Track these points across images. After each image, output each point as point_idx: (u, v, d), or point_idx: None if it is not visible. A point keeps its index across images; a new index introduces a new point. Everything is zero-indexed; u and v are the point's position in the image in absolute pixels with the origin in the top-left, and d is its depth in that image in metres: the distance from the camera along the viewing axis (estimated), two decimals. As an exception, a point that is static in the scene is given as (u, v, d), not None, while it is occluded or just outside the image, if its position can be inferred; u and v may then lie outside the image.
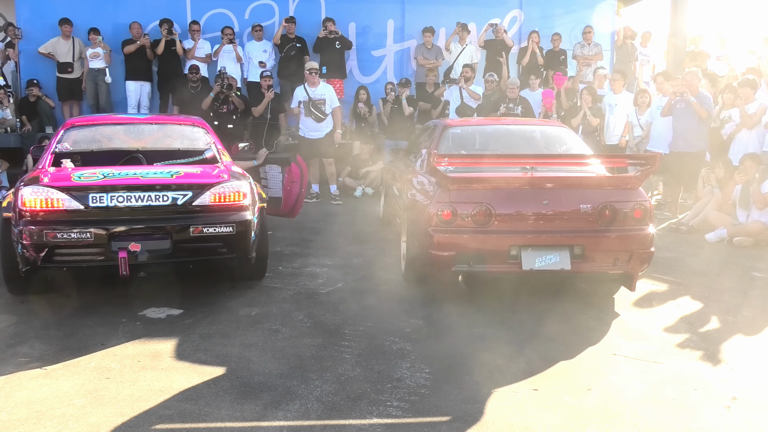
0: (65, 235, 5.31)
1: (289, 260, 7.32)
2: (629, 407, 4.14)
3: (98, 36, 12.19)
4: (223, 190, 5.72)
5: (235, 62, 12.57)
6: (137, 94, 12.54)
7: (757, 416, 4.08)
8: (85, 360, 4.72)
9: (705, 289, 6.55)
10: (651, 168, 5.92)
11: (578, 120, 11.05)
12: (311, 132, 10.94)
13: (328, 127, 11.00)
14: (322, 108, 10.79)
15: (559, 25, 13.66)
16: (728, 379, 4.58)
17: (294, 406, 4.08)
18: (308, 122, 10.89)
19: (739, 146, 9.46)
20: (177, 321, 5.51)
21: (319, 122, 10.84)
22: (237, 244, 5.78)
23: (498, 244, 5.66)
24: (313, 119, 10.80)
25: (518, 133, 7.51)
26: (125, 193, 5.49)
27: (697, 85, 9.66)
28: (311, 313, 5.71)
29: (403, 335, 5.23)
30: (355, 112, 12.20)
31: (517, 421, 3.95)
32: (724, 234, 8.48)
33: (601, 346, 5.13)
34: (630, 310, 5.94)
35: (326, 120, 10.90)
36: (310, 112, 10.76)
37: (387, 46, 13.75)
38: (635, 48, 13.92)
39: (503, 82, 12.35)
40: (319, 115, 10.77)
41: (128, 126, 7.39)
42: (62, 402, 4.10)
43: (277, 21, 13.17)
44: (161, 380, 4.40)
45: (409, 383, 4.41)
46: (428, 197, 5.93)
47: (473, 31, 13.47)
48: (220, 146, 7.00)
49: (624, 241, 5.75)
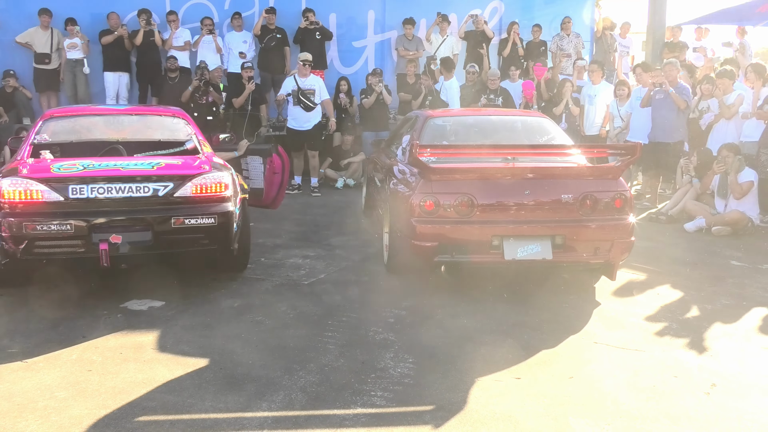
0: (45, 227, 5.26)
1: (271, 252, 7.30)
2: (610, 395, 4.19)
3: (75, 26, 12.04)
4: (204, 182, 5.69)
5: (215, 53, 12.47)
6: (115, 85, 12.40)
7: (735, 402, 4.14)
8: (67, 352, 4.69)
9: (684, 278, 6.62)
10: (631, 158, 5.97)
11: (560, 109, 11.10)
12: (299, 123, 10.86)
13: (317, 118, 10.94)
14: (312, 98, 10.72)
15: (539, 17, 13.69)
16: (708, 366, 4.65)
17: (278, 396, 4.08)
18: (297, 112, 10.80)
19: (717, 136, 9.54)
20: (159, 313, 5.48)
21: (309, 111, 10.75)
22: (219, 235, 5.75)
23: (480, 234, 5.69)
24: (302, 108, 10.71)
25: (499, 124, 7.53)
26: (105, 184, 5.44)
27: (675, 76, 9.72)
28: (294, 305, 5.70)
29: (387, 325, 5.24)
30: (335, 103, 12.16)
31: (500, 409, 3.98)
32: (703, 223, 8.56)
33: (583, 334, 5.18)
34: (611, 299, 5.99)
35: (315, 110, 10.83)
36: (299, 101, 10.68)
37: (368, 37, 13.70)
38: (614, 39, 14.00)
39: (484, 73, 12.37)
40: (308, 104, 10.70)
41: (108, 117, 7.32)
42: (44, 395, 4.07)
43: (257, 12, 13.08)
44: (144, 372, 4.39)
45: (393, 373, 4.43)
46: (410, 188, 5.94)
47: (454, 22, 13.46)
48: (201, 137, 6.95)
49: (604, 230, 5.80)
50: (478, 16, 13.24)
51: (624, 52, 14.36)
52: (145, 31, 12.14)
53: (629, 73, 13.25)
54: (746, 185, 8.37)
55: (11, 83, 11.90)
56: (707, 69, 12.49)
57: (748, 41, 13.67)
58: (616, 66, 13.89)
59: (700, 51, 13.90)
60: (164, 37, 12.43)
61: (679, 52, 12.71)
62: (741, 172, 8.42)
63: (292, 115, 10.92)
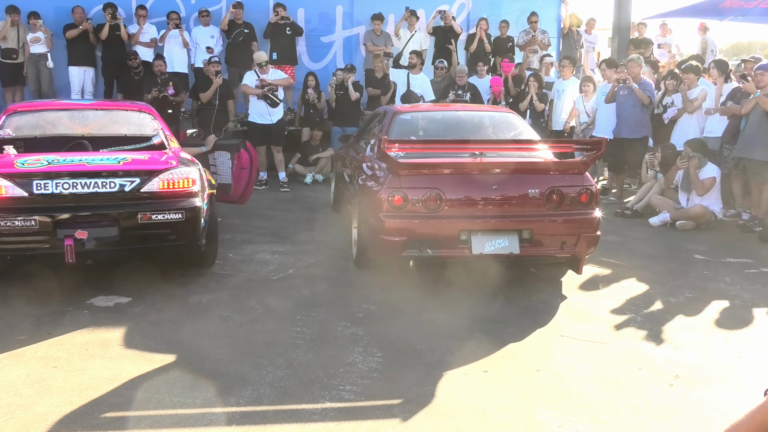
0: (9, 222, 5.19)
1: (239, 247, 7.27)
2: (576, 386, 4.25)
3: (38, 20, 11.86)
4: (171, 177, 5.65)
5: (182, 48, 12.37)
6: (80, 80, 12.22)
7: (698, 393, 4.22)
8: (32, 349, 4.63)
9: (649, 272, 6.72)
10: (596, 153, 6.04)
11: (525, 104, 11.20)
12: (262, 117, 10.82)
13: (280, 113, 10.91)
14: (275, 93, 10.68)
15: (506, 13, 13.77)
16: (671, 357, 4.73)
17: (246, 392, 4.08)
18: (260, 106, 10.76)
19: (681, 131, 9.69)
20: (126, 309, 5.44)
21: (274, 107, 10.73)
22: (186, 231, 5.72)
23: (448, 229, 5.72)
24: (268, 103, 10.66)
25: (467, 119, 7.57)
26: (71, 179, 5.38)
27: (639, 72, 9.85)
28: (263, 300, 5.69)
29: (355, 320, 5.26)
30: (303, 98, 12.12)
31: (468, 402, 4.02)
32: (667, 218, 8.69)
33: (549, 328, 5.25)
34: (577, 293, 6.07)
35: (279, 106, 10.81)
36: (264, 95, 10.64)
37: (336, 32, 13.67)
38: (581, 35, 14.14)
39: (452, 68, 12.42)
40: (274, 100, 10.65)
41: (73, 112, 7.23)
42: (8, 392, 4.02)
43: (225, 6, 12.97)
44: (110, 368, 4.35)
45: (362, 367, 4.44)
46: (379, 183, 5.96)
47: (422, 17, 13.49)
48: (168, 132, 6.91)
49: (571, 225, 5.87)
50: (446, 11, 13.27)
51: (590, 48, 14.52)
52: (110, 25, 11.97)
53: (595, 69, 13.39)
54: (708, 181, 8.51)
55: (-25, 78, 11.70)
56: (671, 65, 12.68)
57: (711, 37, 13.89)
58: (583, 62, 14.03)
59: (665, 47, 14.09)
60: (130, 31, 12.28)
61: (645, 48, 12.87)
62: (703, 168, 8.56)
63: (255, 110, 10.86)
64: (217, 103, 11.21)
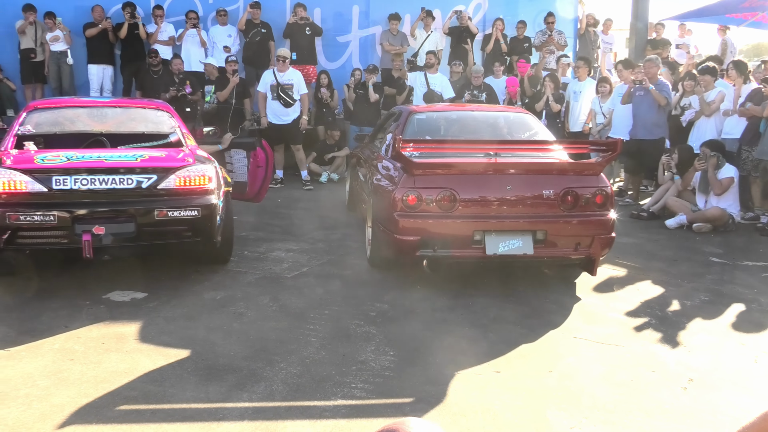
0: (28, 217, 5.26)
1: (254, 245, 7.31)
2: (588, 388, 4.25)
3: (55, 19, 11.98)
4: (188, 174, 5.70)
5: (199, 47, 12.44)
6: (99, 78, 12.34)
7: (712, 397, 4.20)
8: (49, 342, 4.69)
9: (664, 274, 6.69)
10: (612, 154, 6.03)
11: (541, 105, 11.17)
12: (278, 117, 10.88)
13: (296, 112, 10.96)
14: (290, 93, 10.75)
15: (522, 13, 13.73)
16: (685, 361, 4.71)
17: (259, 387, 4.11)
18: (275, 106, 10.83)
19: (698, 133, 9.64)
20: (141, 304, 5.49)
21: (288, 107, 10.80)
22: (202, 228, 5.76)
23: (462, 229, 5.73)
24: (281, 104, 10.75)
25: (482, 119, 7.57)
26: (89, 175, 5.44)
27: (655, 73, 9.80)
28: (276, 297, 5.72)
29: (368, 319, 5.28)
30: (316, 96, 12.16)
31: (479, 402, 4.03)
32: (684, 220, 8.64)
33: (562, 329, 5.24)
34: (591, 295, 6.06)
35: (294, 105, 10.87)
36: (278, 96, 10.71)
37: (352, 32, 13.69)
38: (597, 36, 14.07)
39: (468, 69, 12.41)
40: (287, 100, 10.72)
41: (92, 109, 7.30)
42: (26, 383, 4.08)
43: (242, 6, 13.04)
44: (126, 362, 4.40)
45: (374, 366, 4.46)
46: (393, 182, 5.97)
47: (438, 17, 13.50)
48: (185, 130, 6.95)
49: (585, 226, 5.86)
50: (462, 12, 13.27)
51: (607, 48, 14.43)
52: (129, 24, 12.09)
53: (612, 69, 13.33)
54: (726, 181, 8.46)
55: (-5, 75, 11.83)
56: (690, 66, 12.60)
57: (730, 38, 13.79)
58: (599, 63, 13.97)
59: (683, 48, 14.01)
60: (149, 30, 12.38)
61: (662, 49, 12.80)
62: (721, 168, 8.51)
63: (270, 110, 10.92)
64: (233, 101, 11.28)
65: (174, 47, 12.47)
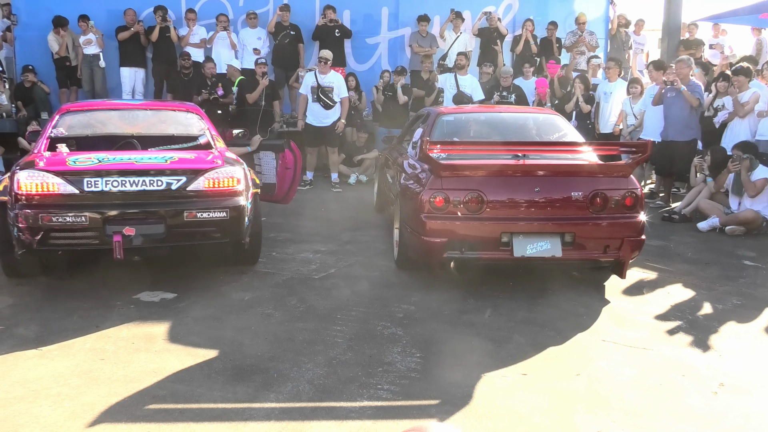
0: (60, 218, 5.33)
1: (282, 246, 7.35)
2: (616, 392, 4.21)
3: (88, 22, 12.17)
4: (217, 176, 5.75)
5: (230, 49, 12.55)
6: (131, 81, 12.52)
7: (743, 402, 4.14)
8: (80, 341, 4.76)
9: (696, 278, 6.60)
10: (642, 155, 5.96)
11: (571, 106, 11.08)
12: (318, 119, 10.89)
13: (335, 115, 10.96)
14: (330, 95, 10.75)
15: (553, 14, 13.65)
16: (716, 365, 4.64)
17: (286, 388, 4.13)
18: (315, 108, 10.83)
19: (731, 135, 9.49)
20: (170, 305, 5.55)
21: (328, 109, 10.80)
22: (231, 229, 5.80)
23: (489, 230, 5.71)
24: (321, 105, 10.75)
25: (511, 121, 7.54)
26: (120, 177, 5.51)
27: (687, 74, 9.66)
28: (304, 298, 5.75)
29: (395, 320, 5.28)
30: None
31: (506, 404, 4.01)
32: (717, 223, 8.52)
33: (591, 332, 5.19)
34: (620, 298, 5.99)
35: (334, 108, 10.86)
36: (319, 98, 10.72)
37: (381, 34, 13.72)
38: (629, 36, 13.94)
39: (498, 70, 12.37)
40: (327, 102, 10.73)
41: (123, 111, 7.39)
42: (57, 381, 4.15)
43: (272, 8, 13.15)
44: (155, 362, 4.45)
45: (400, 367, 4.46)
46: (421, 184, 5.97)
47: (468, 18, 13.47)
48: (214, 132, 7.01)
49: (615, 228, 5.80)
50: (492, 13, 13.24)
51: (638, 49, 14.30)
52: (160, 27, 12.24)
53: (644, 70, 13.19)
54: (760, 183, 8.32)
55: (30, 78, 12.06)
56: (723, 66, 12.41)
57: (765, 38, 13.57)
58: (631, 63, 13.83)
59: (717, 48, 13.81)
60: (180, 33, 12.53)
61: (695, 49, 12.64)
62: (754, 170, 8.38)
63: (310, 111, 10.93)
64: (263, 103, 11.36)
65: (205, 50, 12.59)
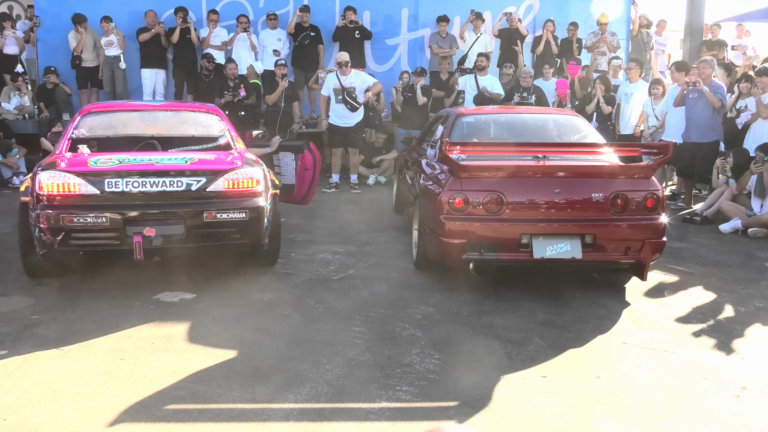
0: (81, 219, 5.38)
1: (301, 247, 7.37)
2: (637, 395, 4.17)
3: (110, 23, 12.27)
4: (236, 177, 5.77)
5: (250, 51, 12.61)
6: (152, 82, 12.61)
7: (766, 405, 4.09)
8: (101, 341, 4.79)
9: (717, 280, 6.54)
10: (663, 157, 5.92)
11: (592, 107, 11.01)
12: (341, 120, 10.87)
13: (359, 116, 10.94)
14: (354, 95, 10.71)
15: (574, 14, 13.58)
16: (738, 369, 4.59)
17: (304, 389, 4.13)
18: (339, 109, 10.79)
19: (754, 136, 9.38)
20: (190, 305, 5.58)
21: (353, 111, 10.78)
22: (250, 230, 5.82)
23: (509, 232, 5.68)
24: (347, 107, 10.73)
25: (531, 122, 7.51)
26: (140, 178, 5.55)
27: (710, 75, 9.56)
28: (323, 299, 5.75)
29: (414, 321, 5.27)
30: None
31: (525, 406, 3.99)
32: (739, 225, 8.43)
33: (611, 334, 5.15)
34: (641, 300, 5.95)
35: (359, 109, 10.85)
36: (344, 99, 10.70)
37: (401, 35, 13.72)
38: (651, 37, 13.83)
39: (518, 71, 12.32)
40: (353, 104, 10.69)
41: (144, 113, 7.45)
42: (78, 381, 4.18)
43: (292, 10, 13.19)
44: (174, 362, 4.47)
45: (419, 368, 4.45)
46: (440, 185, 5.95)
47: (488, 19, 13.44)
48: (234, 133, 7.05)
49: (636, 230, 5.76)
50: (512, 13, 13.20)
51: (660, 50, 14.18)
52: (181, 28, 12.31)
53: (665, 71, 13.09)
54: (783, 185, 8.24)
55: (52, 79, 12.18)
56: (746, 67, 12.28)
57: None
58: (652, 64, 13.73)
59: (739, 49, 13.67)
60: (200, 34, 12.60)
61: (718, 50, 12.52)
62: (777, 172, 8.30)
63: (333, 111, 10.92)
64: (282, 104, 11.39)
65: (226, 51, 12.65)
